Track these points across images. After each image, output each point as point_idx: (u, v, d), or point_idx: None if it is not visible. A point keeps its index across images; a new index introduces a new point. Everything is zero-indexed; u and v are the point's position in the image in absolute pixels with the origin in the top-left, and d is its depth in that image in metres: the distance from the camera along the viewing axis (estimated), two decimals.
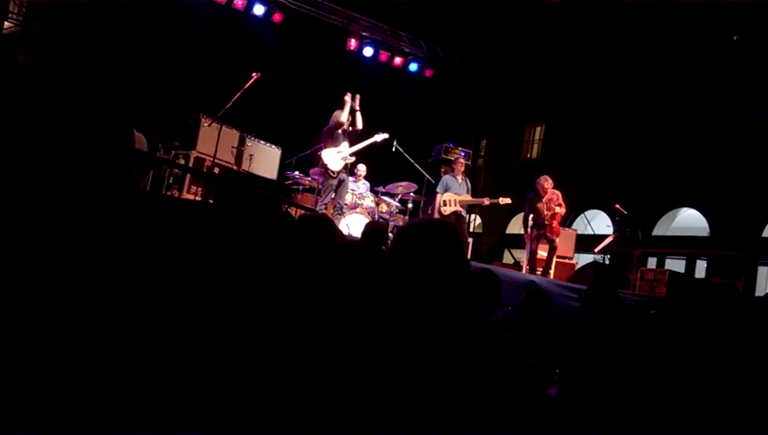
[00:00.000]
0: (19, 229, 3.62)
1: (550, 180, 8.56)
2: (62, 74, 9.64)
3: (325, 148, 7.84)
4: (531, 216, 8.63)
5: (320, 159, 7.88)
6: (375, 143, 8.22)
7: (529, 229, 8.66)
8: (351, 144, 7.91)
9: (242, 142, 9.41)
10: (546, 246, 8.78)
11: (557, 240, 8.67)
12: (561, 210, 8.53)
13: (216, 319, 2.49)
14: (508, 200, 8.83)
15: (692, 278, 11.31)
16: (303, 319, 2.28)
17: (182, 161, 8.90)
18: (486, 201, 8.97)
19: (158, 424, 2.31)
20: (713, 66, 12.80)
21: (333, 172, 7.76)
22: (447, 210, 8.66)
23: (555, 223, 8.53)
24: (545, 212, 8.47)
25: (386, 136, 8.39)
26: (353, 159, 8.03)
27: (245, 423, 2.07)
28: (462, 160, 9.43)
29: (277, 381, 2.12)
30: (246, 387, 2.15)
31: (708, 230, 13.88)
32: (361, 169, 9.71)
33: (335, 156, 7.76)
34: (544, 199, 8.50)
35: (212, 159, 8.46)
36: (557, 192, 8.58)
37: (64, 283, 3.49)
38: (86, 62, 9.88)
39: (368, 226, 5.07)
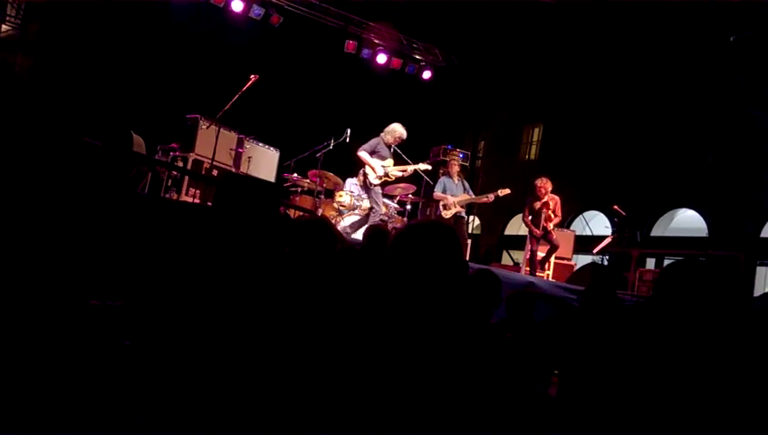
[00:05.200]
0: (16, 231, 3.61)
1: (547, 183, 8.57)
2: (60, 77, 9.63)
3: (371, 157, 7.82)
4: (530, 217, 8.67)
5: (362, 166, 7.92)
6: (416, 171, 8.40)
7: (530, 229, 8.70)
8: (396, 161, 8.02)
9: (240, 144, 9.40)
10: (545, 247, 8.81)
11: (556, 238, 8.73)
12: (555, 218, 8.57)
13: (216, 321, 2.49)
14: (507, 191, 8.79)
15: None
16: (303, 321, 2.28)
17: (180, 164, 8.89)
18: (492, 196, 8.90)
19: (157, 425, 2.31)
20: (710, 67, 12.83)
21: (372, 183, 7.80)
22: (448, 214, 8.67)
23: (550, 226, 8.57)
24: (542, 213, 8.55)
25: (429, 167, 8.64)
26: (393, 177, 8.08)
27: (246, 425, 2.07)
28: (456, 161, 9.42)
29: (277, 383, 2.11)
30: (246, 389, 2.15)
31: (707, 231, 13.90)
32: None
33: (379, 169, 7.80)
34: (542, 201, 8.54)
35: (210, 161, 8.45)
36: (556, 198, 8.58)
37: (62, 285, 3.48)
38: (84, 65, 9.87)
39: (369, 228, 5.07)
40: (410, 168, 8.21)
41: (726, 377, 1.43)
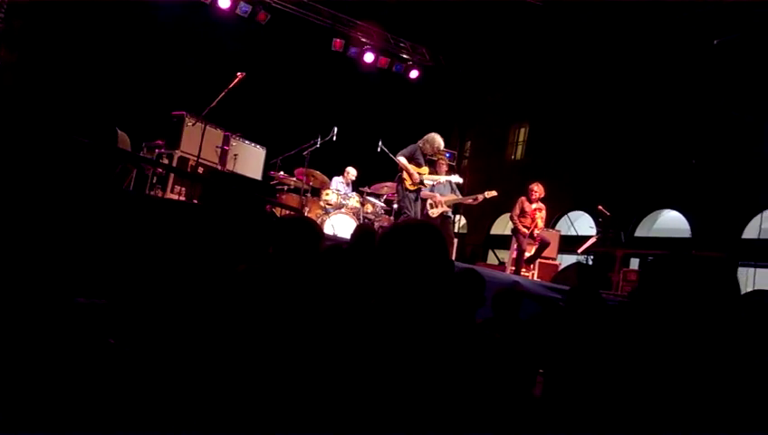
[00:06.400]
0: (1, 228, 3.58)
1: (542, 190, 8.74)
2: (45, 73, 9.54)
3: (408, 163, 7.92)
4: (519, 217, 8.81)
5: (399, 171, 8.05)
6: (448, 181, 8.68)
7: (517, 228, 8.81)
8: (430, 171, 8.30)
9: (226, 142, 9.37)
10: (530, 247, 8.89)
11: (546, 237, 8.88)
12: (541, 224, 8.77)
13: (201, 319, 2.49)
14: (494, 193, 8.84)
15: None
16: (288, 319, 2.28)
17: (166, 161, 8.85)
18: (480, 197, 8.93)
19: (147, 425, 2.30)
20: (694, 69, 12.95)
21: (406, 189, 7.93)
22: (435, 212, 8.69)
23: (536, 232, 8.73)
24: (530, 216, 8.70)
25: (460, 180, 8.90)
26: (427, 186, 8.23)
27: (231, 424, 2.07)
28: (444, 161, 9.48)
29: (263, 381, 2.11)
30: (232, 387, 2.15)
31: (690, 231, 14.03)
32: (352, 172, 9.78)
33: (415, 177, 7.94)
34: (534, 207, 8.71)
35: (196, 158, 8.41)
36: (543, 206, 8.78)
37: (47, 282, 3.46)
38: (68, 61, 9.78)
39: (358, 228, 5.07)
40: (443, 178, 8.54)
41: (713, 374, 1.45)
